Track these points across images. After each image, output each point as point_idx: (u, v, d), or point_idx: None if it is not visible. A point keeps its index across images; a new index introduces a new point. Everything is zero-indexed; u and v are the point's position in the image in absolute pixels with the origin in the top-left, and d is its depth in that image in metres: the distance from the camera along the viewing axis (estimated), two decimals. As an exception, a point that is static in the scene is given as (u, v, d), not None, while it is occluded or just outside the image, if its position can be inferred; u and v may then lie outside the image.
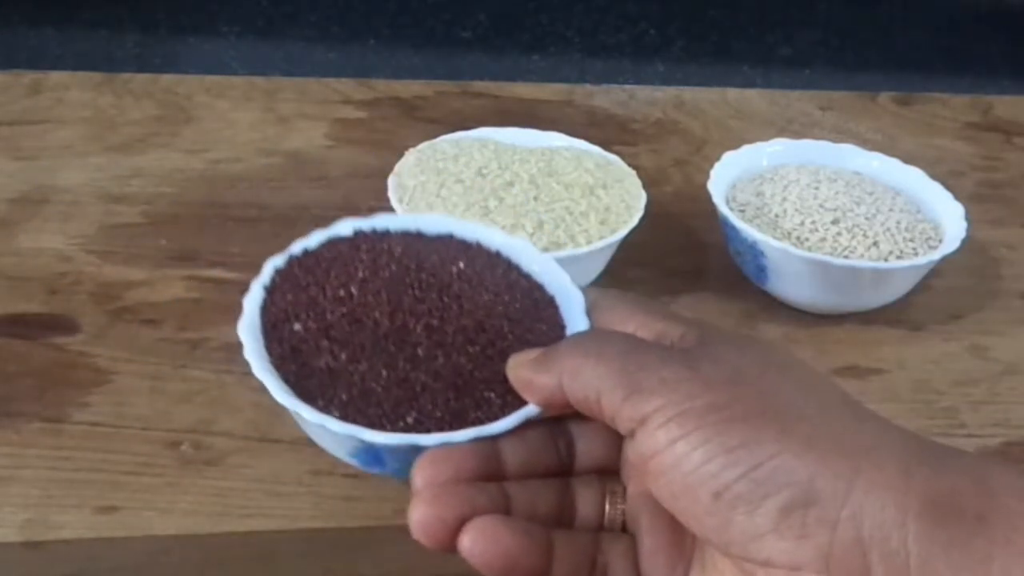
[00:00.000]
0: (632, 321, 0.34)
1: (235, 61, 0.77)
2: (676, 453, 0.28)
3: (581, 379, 0.31)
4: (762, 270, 0.51)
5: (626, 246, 0.51)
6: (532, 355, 0.33)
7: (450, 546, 0.30)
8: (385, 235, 0.40)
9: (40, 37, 0.77)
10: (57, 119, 0.63)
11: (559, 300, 0.39)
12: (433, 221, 0.41)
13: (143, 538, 0.38)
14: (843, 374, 0.49)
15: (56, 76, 0.66)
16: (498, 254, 0.40)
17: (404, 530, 0.40)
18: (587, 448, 0.34)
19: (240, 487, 0.40)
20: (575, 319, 0.37)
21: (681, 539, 0.32)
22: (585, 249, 0.48)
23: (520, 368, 0.33)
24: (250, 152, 0.62)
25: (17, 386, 0.44)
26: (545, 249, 0.47)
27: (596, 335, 0.34)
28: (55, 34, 0.77)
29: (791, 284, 0.51)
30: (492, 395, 0.35)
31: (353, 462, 0.37)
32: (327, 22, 0.83)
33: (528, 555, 0.30)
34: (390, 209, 0.50)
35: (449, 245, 0.40)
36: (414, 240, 0.40)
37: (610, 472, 0.34)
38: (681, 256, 0.57)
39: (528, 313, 0.38)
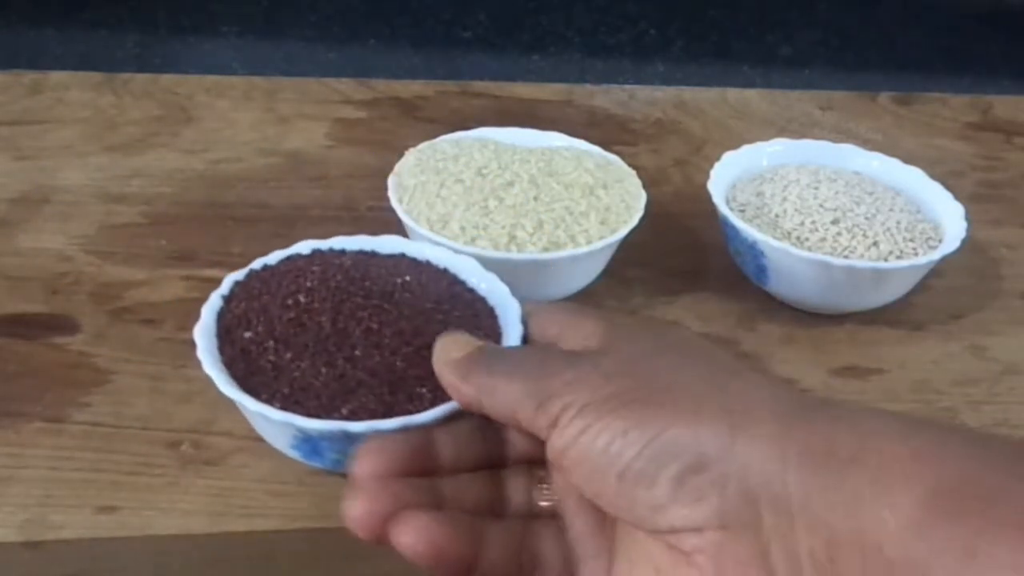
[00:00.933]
0: (556, 324, 0.37)
1: (235, 61, 0.77)
2: (583, 444, 0.31)
3: (496, 398, 0.33)
4: (762, 270, 0.51)
5: (626, 246, 0.51)
6: (454, 355, 0.35)
7: (383, 538, 0.32)
8: (340, 253, 0.44)
9: (40, 37, 0.76)
10: (57, 119, 0.63)
11: (499, 311, 0.42)
12: (387, 242, 0.45)
13: (143, 538, 0.38)
14: (843, 374, 0.49)
15: (56, 76, 0.66)
16: (445, 270, 0.44)
17: (404, 530, 0.40)
18: (516, 439, 0.35)
19: (240, 487, 0.40)
20: (512, 326, 0.40)
21: (605, 520, 0.34)
22: (585, 249, 0.48)
23: (444, 370, 0.35)
24: (250, 152, 0.62)
25: (17, 386, 0.44)
26: (545, 249, 0.47)
27: (509, 354, 0.36)
28: (55, 34, 0.77)
29: (791, 284, 0.51)
30: (424, 390, 0.38)
31: (295, 454, 0.39)
32: (327, 22, 0.83)
33: (455, 544, 0.32)
34: (390, 209, 0.50)
35: (399, 263, 0.44)
36: (366, 257, 0.44)
37: (539, 462, 0.35)
38: (681, 256, 0.57)
39: (467, 321, 0.41)
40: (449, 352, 0.35)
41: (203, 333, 0.39)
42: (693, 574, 0.29)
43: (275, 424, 0.37)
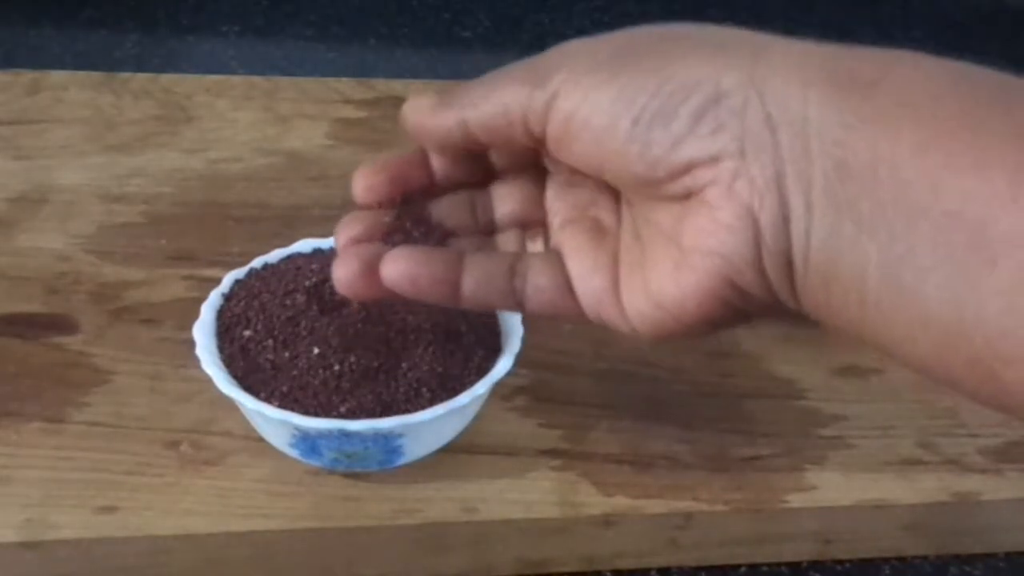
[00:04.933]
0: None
1: (235, 61, 0.77)
2: (592, 101, 0.30)
3: (485, 106, 0.32)
4: (762, 270, 0.51)
5: (626, 246, 0.51)
6: (428, 100, 0.34)
7: (372, 289, 0.33)
8: None
9: (40, 37, 0.76)
10: (57, 119, 0.63)
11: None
12: None
13: (143, 538, 0.38)
14: (843, 374, 0.49)
15: (56, 76, 0.66)
16: None
17: (404, 530, 0.40)
18: (505, 204, 0.36)
19: (240, 487, 0.40)
20: (513, 327, 0.41)
21: (604, 231, 0.34)
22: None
23: (416, 114, 0.34)
24: (250, 152, 0.62)
25: (17, 386, 0.44)
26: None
27: (484, 77, 0.35)
28: (55, 34, 0.77)
29: (791, 284, 0.51)
30: (424, 389, 0.38)
31: (293, 453, 0.39)
32: (327, 22, 0.83)
33: (430, 267, 0.33)
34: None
35: None
36: None
37: (530, 224, 0.36)
38: (681, 256, 0.57)
39: (466, 318, 0.41)
40: (417, 102, 0.34)
41: (202, 331, 0.40)
42: (702, 218, 0.29)
43: (273, 423, 0.37)
